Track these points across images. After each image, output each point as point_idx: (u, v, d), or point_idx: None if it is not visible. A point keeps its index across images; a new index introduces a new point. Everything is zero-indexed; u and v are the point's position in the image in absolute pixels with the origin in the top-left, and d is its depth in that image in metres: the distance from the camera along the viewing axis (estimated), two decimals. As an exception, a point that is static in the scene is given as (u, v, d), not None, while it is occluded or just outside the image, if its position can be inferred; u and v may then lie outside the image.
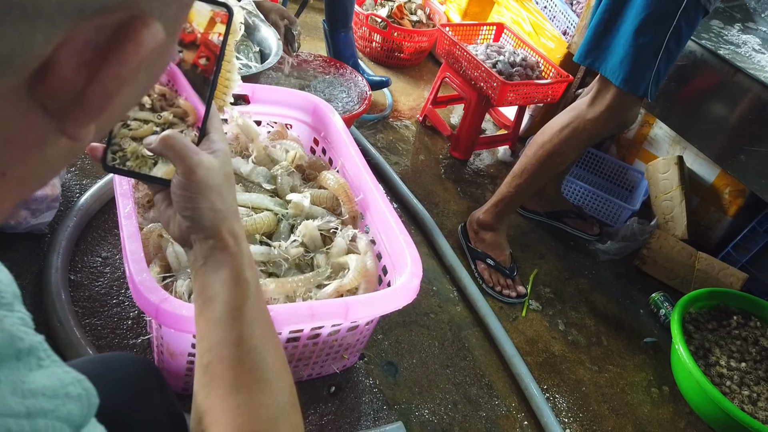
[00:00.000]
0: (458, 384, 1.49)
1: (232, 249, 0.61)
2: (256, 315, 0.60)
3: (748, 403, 1.58)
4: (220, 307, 0.59)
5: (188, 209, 0.61)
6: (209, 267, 0.61)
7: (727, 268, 1.94)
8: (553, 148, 1.65)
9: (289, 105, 1.49)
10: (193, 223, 0.61)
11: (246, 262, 0.62)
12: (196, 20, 0.69)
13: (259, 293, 0.63)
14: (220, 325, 0.58)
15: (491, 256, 1.82)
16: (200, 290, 0.61)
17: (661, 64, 1.44)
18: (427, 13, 2.97)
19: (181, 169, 0.61)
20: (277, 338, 0.63)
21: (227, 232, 0.61)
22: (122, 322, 1.24)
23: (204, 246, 0.61)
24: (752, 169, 1.62)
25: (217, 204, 0.61)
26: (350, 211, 1.34)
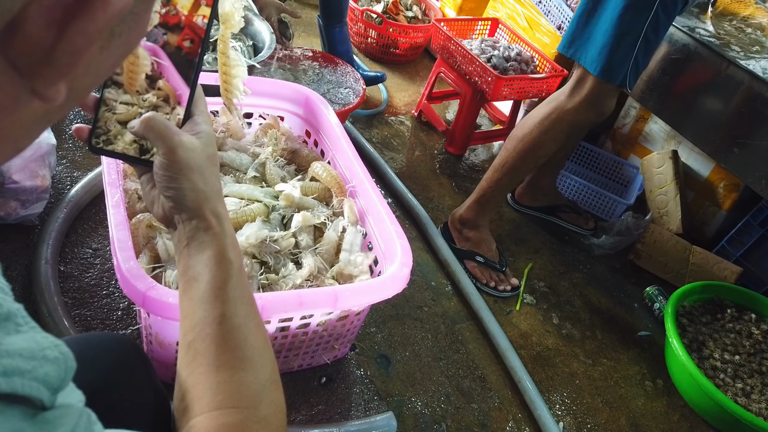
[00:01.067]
0: (451, 377, 1.49)
1: (215, 229, 0.62)
2: (239, 294, 0.61)
3: (741, 395, 1.58)
4: (203, 287, 0.59)
5: (170, 189, 0.61)
6: (192, 248, 0.61)
7: (722, 262, 1.94)
8: (532, 141, 1.64)
9: (281, 97, 1.49)
10: (175, 203, 0.62)
11: (229, 242, 0.62)
12: (180, 2, 0.69)
13: (242, 273, 0.63)
14: (203, 304, 0.59)
15: (479, 253, 1.81)
16: (184, 270, 0.62)
17: (640, 54, 1.44)
18: (423, 9, 2.97)
19: (162, 149, 0.61)
20: (259, 317, 0.63)
21: (210, 213, 0.62)
22: (112, 312, 1.24)
23: (187, 227, 0.62)
24: (746, 162, 1.61)
25: (199, 184, 0.62)
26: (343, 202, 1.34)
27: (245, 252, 1.14)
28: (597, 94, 1.52)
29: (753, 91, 1.57)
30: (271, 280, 1.12)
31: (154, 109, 0.71)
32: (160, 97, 0.72)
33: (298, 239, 1.23)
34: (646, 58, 1.48)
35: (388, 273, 1.09)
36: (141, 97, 0.72)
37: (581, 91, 1.54)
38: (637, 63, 1.46)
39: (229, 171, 1.32)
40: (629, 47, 1.43)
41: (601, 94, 1.52)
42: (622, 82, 1.49)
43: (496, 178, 1.74)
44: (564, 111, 1.58)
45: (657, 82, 1.81)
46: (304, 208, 1.28)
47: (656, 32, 1.43)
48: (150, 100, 0.72)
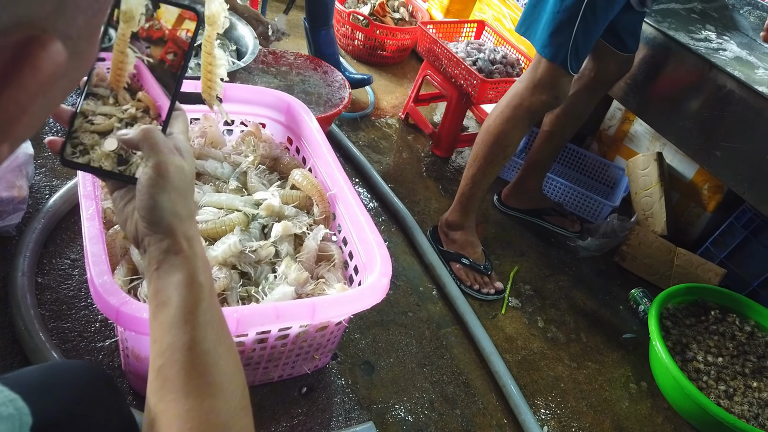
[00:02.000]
0: (435, 383, 1.49)
1: (186, 252, 0.61)
2: (209, 318, 0.60)
3: (724, 397, 1.58)
4: (173, 311, 0.59)
5: (149, 208, 0.60)
6: (163, 271, 0.60)
7: (706, 264, 1.95)
8: (496, 130, 1.65)
9: (262, 104, 1.48)
10: (150, 224, 0.61)
11: (200, 265, 0.62)
12: (164, 17, 0.69)
13: (213, 296, 0.62)
14: (173, 328, 0.58)
15: (465, 256, 1.81)
16: (154, 294, 0.61)
17: (578, 35, 1.45)
18: (410, 10, 2.96)
19: (153, 163, 0.60)
20: (231, 340, 0.62)
21: (182, 235, 0.61)
22: (90, 325, 1.23)
23: (158, 249, 0.61)
24: (727, 164, 1.62)
25: (178, 206, 0.61)
26: (324, 211, 1.34)
27: (224, 263, 1.14)
28: (549, 77, 1.54)
29: (734, 95, 1.57)
30: (250, 292, 1.12)
31: (133, 119, 0.70)
32: (140, 108, 0.72)
33: (278, 248, 1.22)
34: (587, 41, 1.49)
35: (367, 283, 1.08)
36: (121, 108, 0.71)
37: (535, 74, 1.56)
38: (577, 44, 1.47)
39: (208, 180, 1.31)
40: (567, 27, 1.45)
41: (553, 77, 1.54)
42: (563, 63, 1.50)
43: (471, 174, 1.75)
44: (520, 96, 1.60)
45: (640, 84, 1.82)
46: (284, 217, 1.27)
47: (594, 14, 1.44)
48: (130, 111, 0.71)
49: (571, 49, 1.48)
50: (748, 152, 1.56)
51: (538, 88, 1.57)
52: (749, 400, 1.58)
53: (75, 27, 0.31)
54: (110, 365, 1.18)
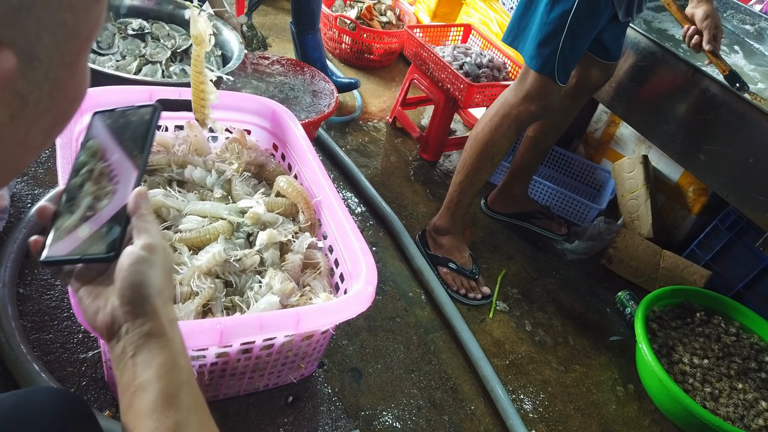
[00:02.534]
0: (423, 388, 1.49)
1: (168, 335, 0.59)
2: (192, 402, 0.58)
3: (710, 399, 1.59)
4: (153, 396, 0.55)
5: (135, 287, 0.58)
6: (141, 356, 0.57)
7: (691, 266, 1.96)
8: (484, 138, 1.66)
9: (247, 110, 1.47)
10: (134, 306, 0.58)
11: (180, 348, 0.60)
12: None
13: (194, 379, 0.60)
14: (154, 414, 0.55)
15: (452, 260, 1.82)
16: (129, 381, 0.57)
17: (565, 46, 1.47)
18: (397, 14, 2.96)
19: (143, 242, 0.60)
20: (212, 423, 0.60)
21: (165, 317, 0.59)
22: (72, 336, 1.21)
23: (138, 333, 0.58)
24: (711, 168, 1.63)
25: (164, 285, 0.60)
26: (310, 218, 1.33)
27: (209, 272, 1.13)
28: (537, 87, 1.55)
29: (718, 99, 1.58)
30: (235, 302, 1.11)
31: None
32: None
33: (263, 256, 1.21)
34: (574, 52, 1.50)
35: (353, 291, 1.08)
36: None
37: (524, 85, 1.57)
38: (564, 56, 1.48)
39: (192, 188, 1.31)
40: (554, 38, 1.46)
41: (541, 87, 1.55)
42: (550, 74, 1.51)
43: (458, 180, 1.76)
44: (509, 105, 1.61)
45: (625, 88, 1.83)
46: (269, 225, 1.27)
47: (581, 25, 1.45)
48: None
49: (558, 60, 1.49)
50: (731, 155, 1.58)
51: (526, 98, 1.57)
52: (734, 401, 1.60)
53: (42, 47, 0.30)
54: (93, 376, 1.17)
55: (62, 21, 0.30)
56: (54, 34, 0.30)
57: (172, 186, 1.28)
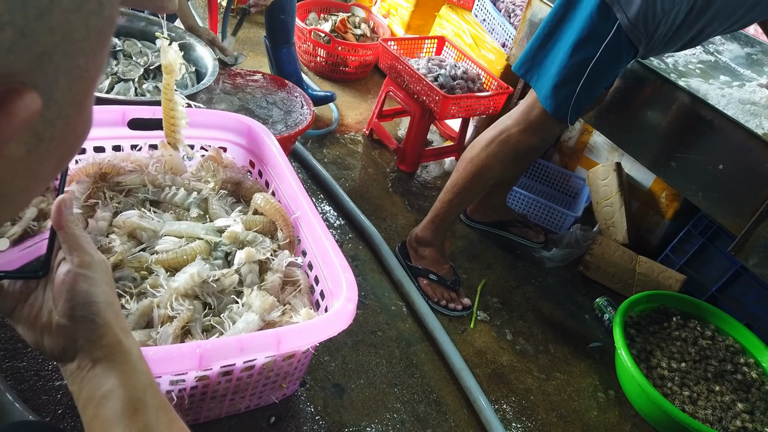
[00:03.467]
0: (406, 402, 1.49)
1: (124, 344, 0.58)
2: (158, 403, 0.58)
3: (688, 403, 1.62)
4: (118, 403, 0.55)
5: (83, 306, 0.56)
6: (100, 368, 0.56)
7: (666, 271, 2.00)
8: (480, 163, 1.67)
9: (222, 127, 1.46)
10: (85, 323, 0.56)
11: (138, 354, 0.60)
12: None
13: (155, 383, 0.60)
14: (123, 420, 0.55)
15: (432, 271, 1.82)
16: (90, 395, 0.56)
17: (582, 93, 1.48)
18: (371, 26, 2.98)
19: (78, 259, 0.57)
20: (181, 422, 0.60)
21: (118, 328, 0.58)
22: (47, 363, 1.19)
23: (95, 346, 0.57)
24: (682, 174, 1.66)
25: (111, 298, 0.59)
26: (289, 236, 1.32)
27: (186, 294, 1.11)
28: (543, 123, 1.57)
29: (687, 108, 1.62)
30: (215, 323, 1.10)
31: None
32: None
33: (242, 276, 1.20)
34: (589, 98, 1.52)
35: (333, 309, 1.08)
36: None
37: (528, 117, 1.58)
38: (579, 101, 1.50)
39: (168, 208, 1.29)
40: (572, 83, 1.47)
41: (547, 124, 1.57)
42: (563, 116, 1.53)
43: (447, 198, 1.77)
44: (510, 135, 1.62)
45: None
46: (248, 243, 1.26)
47: (600, 75, 1.47)
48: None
49: (573, 103, 1.50)
50: (701, 162, 1.61)
51: (529, 130, 1.59)
52: (712, 404, 1.62)
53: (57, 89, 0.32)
54: (69, 404, 1.14)
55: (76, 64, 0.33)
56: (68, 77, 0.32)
57: (147, 206, 1.26)
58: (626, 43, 1.41)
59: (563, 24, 1.48)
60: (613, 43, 1.41)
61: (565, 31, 1.48)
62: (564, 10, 1.47)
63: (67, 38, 0.31)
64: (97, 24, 0.32)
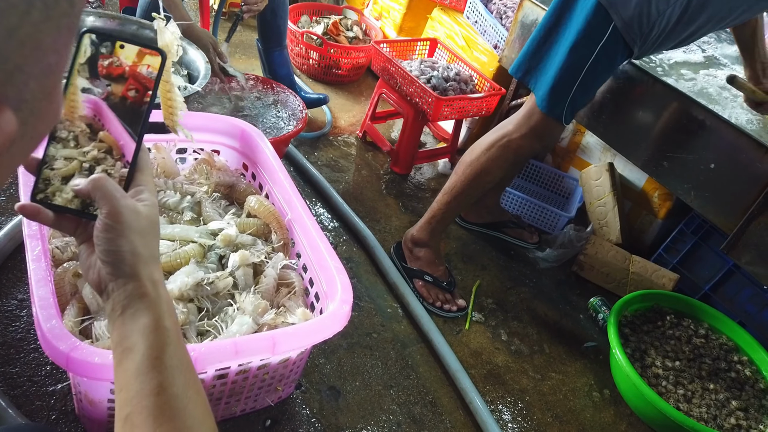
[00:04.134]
0: (402, 404, 1.48)
1: (151, 296, 0.61)
2: (176, 363, 0.60)
3: (683, 401, 1.63)
4: (138, 357, 0.58)
5: (109, 252, 0.60)
6: (127, 316, 0.60)
7: (660, 270, 2.01)
8: (480, 167, 1.68)
9: (216, 131, 1.46)
10: (113, 267, 0.61)
11: (165, 308, 0.62)
12: (124, 54, 0.69)
13: (180, 340, 0.62)
14: (140, 375, 0.58)
15: (428, 273, 1.82)
16: (118, 341, 0.60)
17: (577, 93, 1.51)
18: (364, 29, 2.98)
19: (106, 210, 0.61)
20: (198, 383, 0.62)
21: (147, 278, 0.61)
22: (40, 368, 1.18)
23: (122, 293, 0.60)
24: (674, 174, 1.68)
25: (140, 248, 0.61)
26: (283, 238, 1.32)
27: (181, 297, 1.11)
28: (544, 127, 1.60)
29: (678, 108, 1.63)
30: (209, 326, 1.09)
31: (96, 162, 0.68)
32: (102, 149, 0.70)
33: (236, 279, 1.20)
34: (584, 99, 1.54)
35: (328, 311, 1.07)
36: (82, 150, 0.69)
37: (529, 122, 1.61)
38: (575, 101, 1.53)
39: (162, 211, 1.28)
40: (568, 85, 1.50)
41: (547, 128, 1.60)
42: (559, 116, 1.55)
43: (445, 200, 1.78)
44: (511, 140, 1.64)
45: (589, 99, 1.87)
46: (242, 245, 1.25)
47: (595, 75, 1.49)
48: (92, 153, 0.69)
49: (568, 105, 1.53)
50: (692, 162, 1.62)
51: (529, 135, 1.61)
52: (707, 402, 1.63)
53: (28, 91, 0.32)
54: (63, 410, 1.13)
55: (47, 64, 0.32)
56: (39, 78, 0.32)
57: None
58: (621, 44, 1.42)
59: (560, 26, 1.50)
60: (608, 44, 1.42)
61: (562, 33, 1.50)
62: (560, 12, 1.49)
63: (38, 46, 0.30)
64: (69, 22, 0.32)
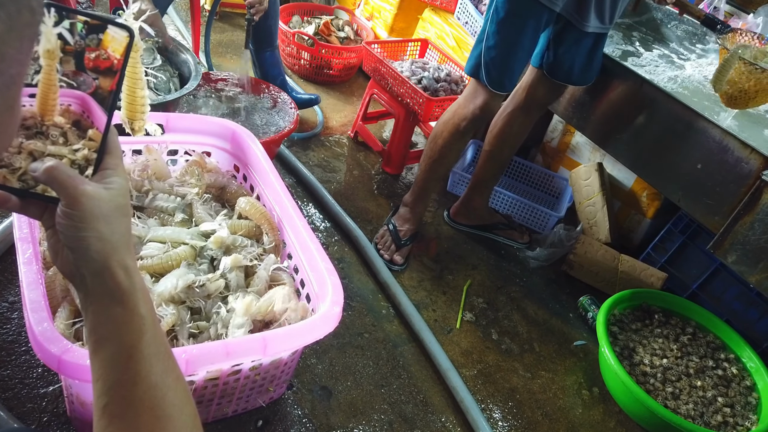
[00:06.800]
0: (393, 403, 1.50)
1: (123, 284, 0.58)
2: (154, 350, 0.58)
3: (671, 399, 1.65)
4: (114, 347, 0.57)
5: (73, 239, 0.57)
6: (100, 305, 0.58)
7: (648, 269, 2.03)
8: (434, 132, 1.88)
9: (206, 132, 1.46)
10: (79, 255, 0.58)
11: (140, 296, 0.59)
12: (112, 46, 0.66)
13: (157, 327, 0.60)
14: (116, 364, 0.56)
15: (394, 223, 1.98)
16: (92, 329, 0.58)
17: (486, 53, 1.64)
18: (355, 29, 2.98)
19: (65, 199, 0.58)
20: (178, 370, 0.61)
21: (117, 265, 0.58)
22: (31, 370, 1.18)
23: (93, 282, 0.58)
24: (662, 174, 1.69)
25: (105, 233, 0.58)
26: (274, 239, 1.33)
27: (172, 299, 1.11)
28: (473, 90, 1.76)
29: (666, 109, 1.65)
30: (202, 328, 1.10)
31: (87, 162, 0.66)
32: (92, 148, 0.68)
33: (227, 280, 1.20)
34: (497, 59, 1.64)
35: (320, 312, 1.08)
36: (71, 148, 0.67)
37: (466, 89, 1.81)
38: (486, 62, 1.65)
39: (153, 213, 1.29)
40: (478, 45, 1.68)
41: (475, 90, 1.75)
42: (479, 78, 1.69)
43: (422, 167, 1.95)
44: (456, 104, 1.83)
45: (578, 99, 1.89)
46: (233, 247, 1.26)
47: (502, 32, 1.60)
48: (82, 153, 0.67)
49: (483, 65, 1.66)
50: (680, 162, 1.64)
51: (465, 99, 1.78)
52: (694, 399, 1.65)
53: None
54: (55, 412, 1.13)
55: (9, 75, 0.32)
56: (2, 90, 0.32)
57: (132, 212, 1.26)
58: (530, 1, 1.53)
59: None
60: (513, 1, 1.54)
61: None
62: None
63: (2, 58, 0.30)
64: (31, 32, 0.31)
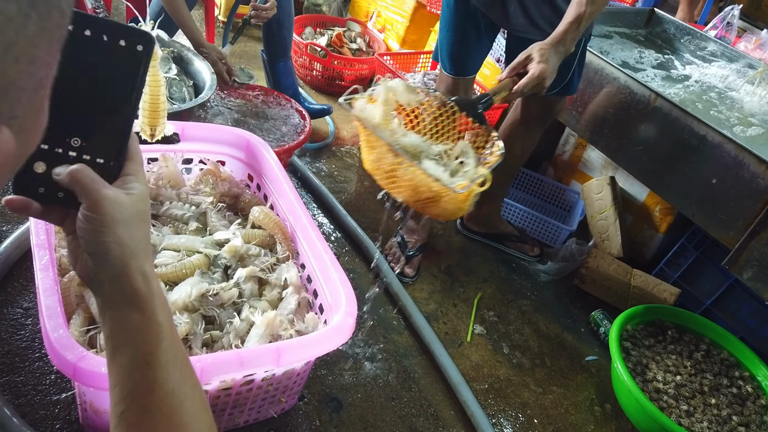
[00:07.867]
0: (404, 416, 1.48)
1: (142, 290, 0.58)
2: (171, 357, 0.58)
3: (685, 416, 1.63)
4: (131, 353, 0.57)
5: (93, 244, 0.57)
6: (118, 311, 0.58)
7: (661, 284, 2.01)
8: None
9: (221, 141, 1.47)
10: (98, 260, 0.57)
11: (158, 302, 0.59)
12: None
13: (174, 334, 0.60)
14: (134, 372, 0.56)
15: (402, 234, 1.98)
16: (109, 336, 0.58)
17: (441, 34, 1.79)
18: (367, 41, 3.00)
19: (86, 202, 0.58)
20: (195, 377, 0.61)
21: (136, 271, 0.58)
22: (45, 377, 1.18)
23: (112, 287, 0.58)
24: (676, 189, 1.69)
25: (125, 238, 0.58)
26: (288, 249, 1.33)
27: (186, 308, 1.11)
28: (439, 80, 1.86)
29: (680, 123, 1.65)
30: (215, 337, 1.09)
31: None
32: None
33: (241, 289, 1.20)
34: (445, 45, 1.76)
35: (333, 323, 1.08)
36: None
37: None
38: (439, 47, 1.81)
39: (167, 222, 1.29)
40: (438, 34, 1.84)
41: (440, 75, 1.87)
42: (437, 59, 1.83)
43: None
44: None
45: (590, 112, 1.89)
46: (247, 257, 1.26)
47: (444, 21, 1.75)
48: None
49: (439, 48, 1.81)
50: (694, 177, 1.63)
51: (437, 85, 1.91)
52: (708, 417, 1.63)
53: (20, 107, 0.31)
54: (67, 419, 1.13)
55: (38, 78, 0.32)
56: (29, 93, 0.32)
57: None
58: None
59: None
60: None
61: None
62: None
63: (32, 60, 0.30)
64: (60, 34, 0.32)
